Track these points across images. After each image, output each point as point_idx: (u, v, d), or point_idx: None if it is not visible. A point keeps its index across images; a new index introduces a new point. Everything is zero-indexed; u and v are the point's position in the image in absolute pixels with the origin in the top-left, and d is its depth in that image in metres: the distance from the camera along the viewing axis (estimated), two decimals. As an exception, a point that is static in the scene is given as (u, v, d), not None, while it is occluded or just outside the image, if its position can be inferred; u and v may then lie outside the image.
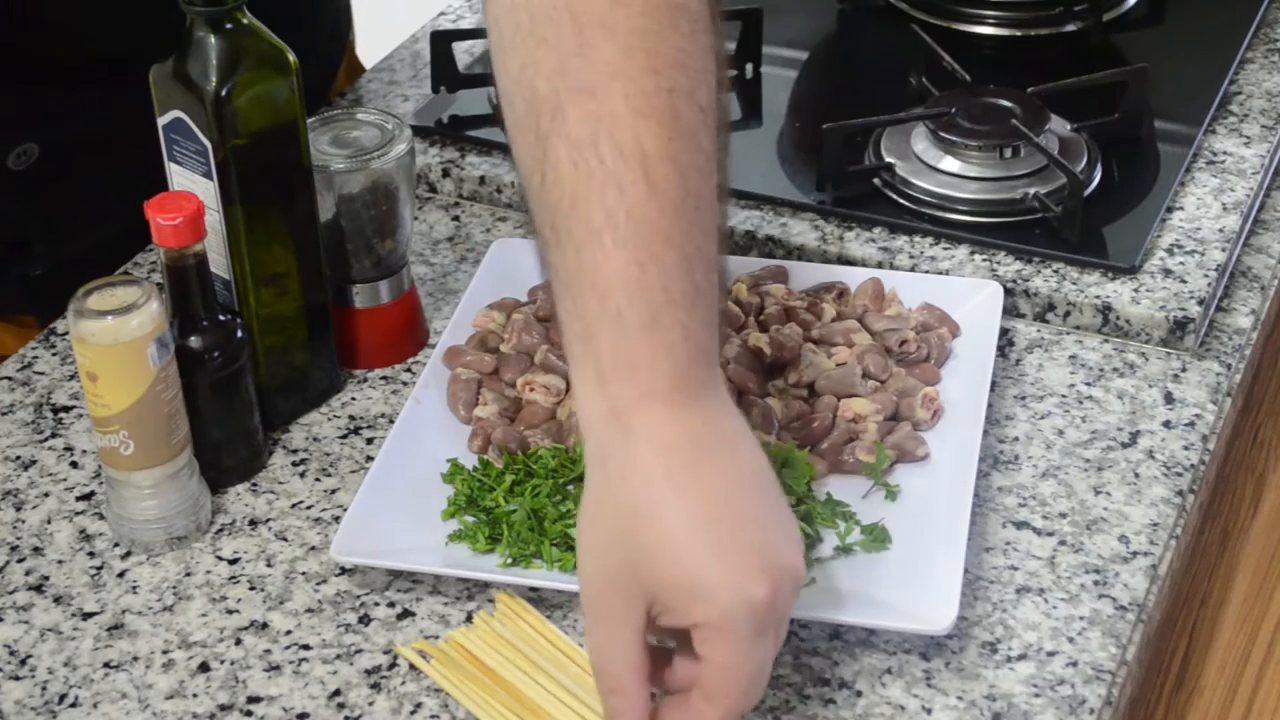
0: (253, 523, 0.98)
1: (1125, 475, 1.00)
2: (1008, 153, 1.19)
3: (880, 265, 1.15)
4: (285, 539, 0.97)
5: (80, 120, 1.14)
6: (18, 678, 0.90)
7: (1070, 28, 1.39)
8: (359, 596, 0.93)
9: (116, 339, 0.90)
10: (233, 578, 0.95)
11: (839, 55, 1.40)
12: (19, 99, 1.12)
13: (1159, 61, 1.27)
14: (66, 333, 1.10)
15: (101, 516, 0.98)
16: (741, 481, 0.78)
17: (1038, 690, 0.88)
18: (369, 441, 1.04)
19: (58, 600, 0.94)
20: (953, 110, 1.21)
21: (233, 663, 0.90)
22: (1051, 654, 0.89)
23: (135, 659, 0.90)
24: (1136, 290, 1.11)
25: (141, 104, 0.98)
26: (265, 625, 0.92)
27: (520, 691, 0.86)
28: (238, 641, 0.91)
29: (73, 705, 0.88)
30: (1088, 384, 1.07)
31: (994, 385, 1.06)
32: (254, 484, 1.01)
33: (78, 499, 1.00)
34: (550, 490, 0.95)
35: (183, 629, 0.92)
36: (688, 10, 0.81)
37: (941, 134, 1.20)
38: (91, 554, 0.96)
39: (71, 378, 1.08)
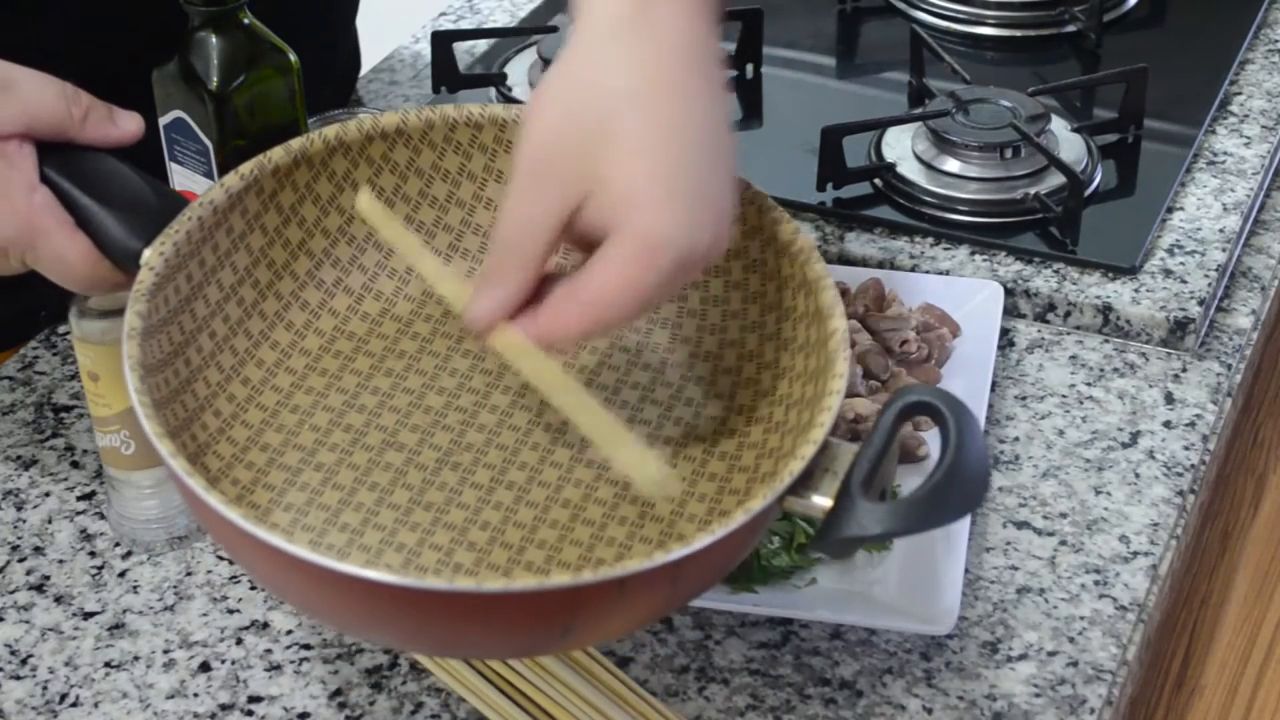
0: (253, 522, 0.98)
1: (1125, 475, 1.00)
2: (1008, 153, 1.19)
3: (880, 265, 1.15)
4: (286, 539, 0.97)
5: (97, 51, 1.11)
6: (19, 677, 0.90)
7: (1070, 28, 1.39)
8: (360, 596, 0.93)
9: (118, 338, 0.90)
10: (233, 577, 0.95)
11: (839, 55, 1.40)
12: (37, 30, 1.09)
13: (1159, 61, 1.27)
14: (67, 332, 1.10)
15: (102, 516, 0.98)
16: (719, 118, 0.77)
17: (1038, 690, 0.88)
18: (370, 441, 1.04)
19: (59, 600, 0.94)
20: (953, 110, 1.21)
21: (234, 662, 0.90)
22: (1052, 654, 0.90)
23: (136, 658, 0.90)
24: (1137, 290, 1.12)
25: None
26: (266, 625, 0.92)
27: (525, 689, 0.87)
28: (239, 641, 0.91)
29: (74, 705, 0.88)
30: (1088, 384, 1.07)
31: (994, 385, 1.06)
32: (255, 484, 1.01)
33: (78, 499, 1.00)
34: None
35: (183, 628, 0.92)
36: None
37: (941, 134, 1.20)
38: (92, 553, 0.96)
39: (72, 377, 1.08)
